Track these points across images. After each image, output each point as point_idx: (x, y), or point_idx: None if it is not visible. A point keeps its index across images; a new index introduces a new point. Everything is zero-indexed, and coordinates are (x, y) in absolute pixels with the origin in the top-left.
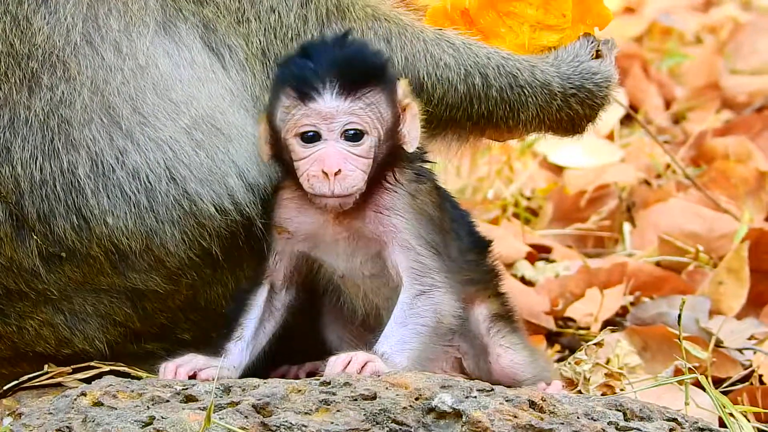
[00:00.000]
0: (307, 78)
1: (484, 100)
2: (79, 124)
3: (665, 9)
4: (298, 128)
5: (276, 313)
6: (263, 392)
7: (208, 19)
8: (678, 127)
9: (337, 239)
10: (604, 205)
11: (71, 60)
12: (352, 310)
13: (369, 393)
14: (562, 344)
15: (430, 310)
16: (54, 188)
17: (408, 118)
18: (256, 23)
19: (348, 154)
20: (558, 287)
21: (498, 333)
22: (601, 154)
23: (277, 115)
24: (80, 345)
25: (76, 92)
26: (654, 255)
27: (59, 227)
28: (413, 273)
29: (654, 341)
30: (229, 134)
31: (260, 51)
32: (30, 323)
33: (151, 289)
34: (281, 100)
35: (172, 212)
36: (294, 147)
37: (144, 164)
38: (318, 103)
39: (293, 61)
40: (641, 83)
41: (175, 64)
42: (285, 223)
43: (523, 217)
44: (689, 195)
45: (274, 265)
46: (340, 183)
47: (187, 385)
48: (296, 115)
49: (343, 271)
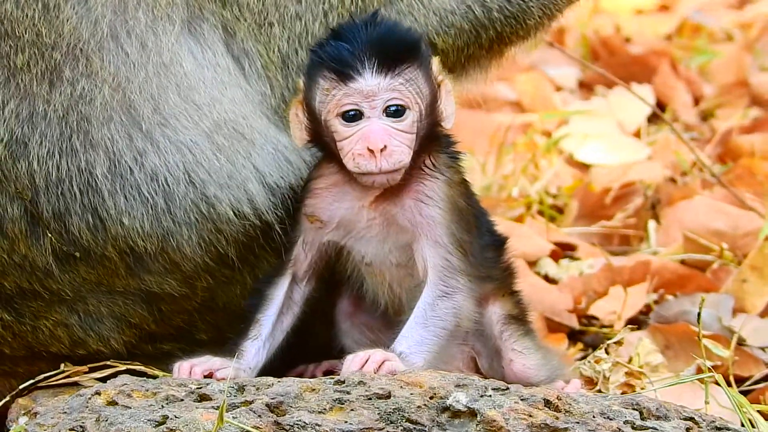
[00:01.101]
0: (345, 58)
1: (489, 26)
2: (99, 122)
3: (699, 6)
4: (339, 108)
5: (294, 306)
6: (277, 391)
7: (228, 21)
8: (706, 124)
9: (370, 225)
10: (629, 202)
11: (95, 54)
12: (374, 300)
13: (383, 392)
14: (585, 342)
15: (451, 314)
16: (71, 186)
17: (443, 94)
18: (279, 29)
19: (392, 130)
20: (581, 285)
21: (510, 336)
22: (627, 151)
23: (315, 99)
24: (95, 346)
25: (97, 88)
26: (679, 253)
27: (74, 226)
28: (440, 272)
29: (677, 339)
30: (252, 139)
31: (280, 59)
32: (44, 323)
33: (167, 291)
34: (319, 83)
35: (190, 215)
36: (336, 127)
37: (163, 166)
38: (358, 82)
39: (327, 43)
40: (670, 81)
41: (199, 64)
42: (318, 212)
43: (547, 214)
44: (715, 192)
45: (303, 254)
46: (387, 159)
47: (201, 384)
48: (337, 95)
49: (371, 258)
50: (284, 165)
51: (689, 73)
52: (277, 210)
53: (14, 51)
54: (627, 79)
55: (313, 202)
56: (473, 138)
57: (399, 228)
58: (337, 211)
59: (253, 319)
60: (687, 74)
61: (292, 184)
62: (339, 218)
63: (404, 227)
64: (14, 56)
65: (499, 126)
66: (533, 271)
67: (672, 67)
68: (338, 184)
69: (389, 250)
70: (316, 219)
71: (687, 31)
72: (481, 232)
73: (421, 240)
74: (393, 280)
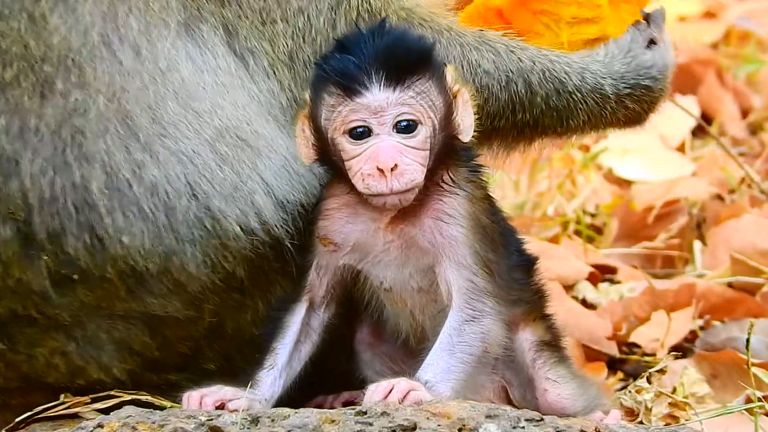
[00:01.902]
0: (351, 72)
1: (528, 108)
2: (94, 134)
3: (746, 13)
4: (346, 125)
5: (313, 334)
6: (294, 423)
7: (229, 21)
8: (755, 138)
9: (388, 248)
10: (673, 221)
11: (87, 64)
12: (394, 328)
13: (408, 423)
14: (625, 372)
15: (479, 339)
16: (65, 205)
17: (460, 104)
18: (282, 25)
19: (403, 147)
20: (622, 310)
21: (544, 365)
22: (670, 166)
23: (321, 115)
24: (95, 374)
25: (91, 99)
26: (726, 275)
27: (71, 247)
28: (465, 295)
29: (724, 368)
30: (257, 147)
31: (287, 55)
32: (40, 351)
33: (171, 315)
34: (324, 99)
35: (193, 231)
36: (343, 145)
37: (163, 179)
38: (365, 97)
39: (332, 56)
40: (716, 91)
41: (198, 69)
42: (331, 235)
43: (585, 234)
44: (764, 211)
45: (317, 280)
46: (398, 179)
47: (212, 416)
48: (343, 112)
49: (391, 284)
50: (294, 176)
51: (737, 84)
52: (288, 225)
53: (2, 65)
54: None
55: (325, 224)
56: None
57: (419, 250)
58: (351, 233)
59: (268, 348)
60: (734, 84)
61: (302, 197)
62: (354, 241)
63: (425, 249)
64: (2, 71)
65: None
66: (570, 295)
67: (718, 76)
68: (351, 205)
69: (410, 274)
70: (330, 242)
71: (734, 38)
72: (508, 252)
73: (443, 262)
74: (415, 307)
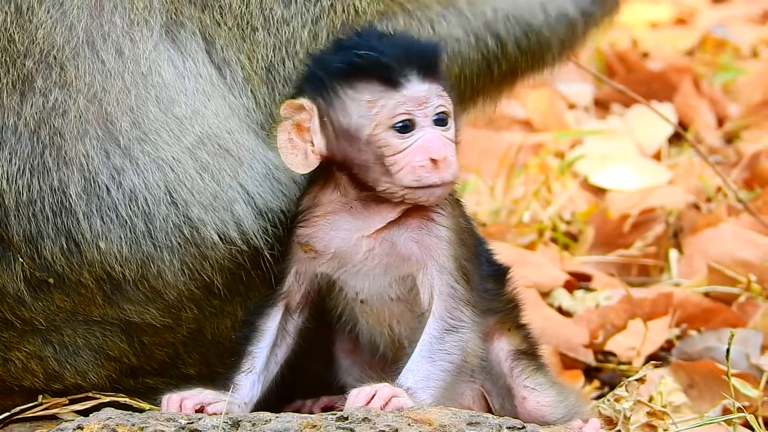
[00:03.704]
0: (392, 64)
1: (502, 59)
2: (73, 136)
3: (719, 20)
4: (392, 119)
5: (288, 338)
6: (275, 427)
7: (206, 27)
8: (731, 147)
9: (367, 257)
10: (649, 230)
11: (69, 62)
12: (370, 342)
13: (390, 429)
14: (601, 380)
15: (458, 348)
16: (42, 208)
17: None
18: (263, 34)
19: (445, 140)
20: (598, 318)
21: (522, 373)
22: (647, 175)
23: (351, 114)
24: (72, 379)
25: (71, 99)
26: (702, 284)
27: (47, 250)
28: (446, 302)
29: (701, 378)
30: (238, 156)
31: (264, 69)
32: (16, 354)
33: (148, 322)
34: (355, 96)
35: (171, 239)
36: (388, 140)
37: (142, 185)
38: (409, 89)
39: (349, 52)
40: (692, 99)
41: (180, 74)
42: (313, 242)
43: (561, 242)
44: (741, 220)
45: (296, 285)
46: (448, 169)
47: (192, 419)
48: (387, 105)
49: (366, 295)
50: (275, 185)
51: (713, 92)
52: (267, 235)
53: None
54: (646, 97)
55: (308, 231)
56: (480, 159)
57: (400, 257)
58: (333, 240)
59: (245, 352)
60: (710, 92)
61: (283, 206)
62: (334, 248)
63: (406, 255)
64: None
65: (508, 146)
66: (546, 302)
67: (694, 84)
68: (338, 212)
69: (389, 283)
70: (311, 249)
71: (709, 46)
72: (480, 262)
73: (428, 265)
74: (393, 317)
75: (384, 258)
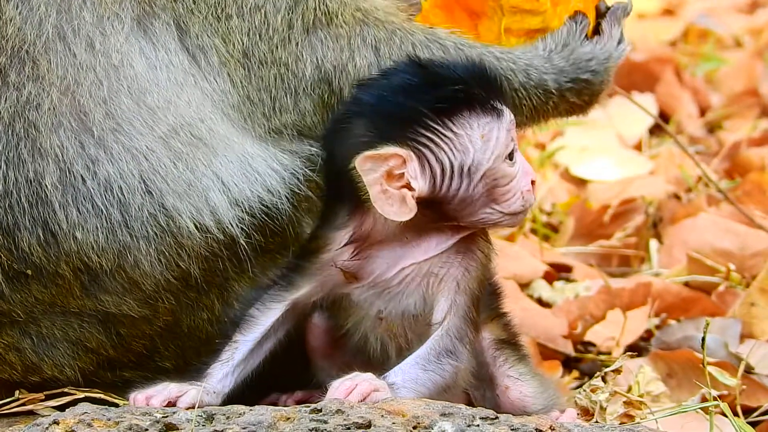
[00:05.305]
0: (482, 93)
1: None
2: (47, 128)
3: (706, 11)
4: (507, 148)
5: (280, 332)
6: (249, 420)
7: (181, 16)
8: (713, 136)
9: (403, 282)
10: (629, 220)
11: (41, 56)
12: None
13: (363, 421)
14: (581, 370)
15: (452, 371)
16: (19, 199)
17: None
18: (237, 20)
19: None
20: (577, 309)
21: (505, 362)
22: (627, 165)
23: (465, 151)
24: (50, 372)
25: (45, 93)
26: (682, 274)
27: (24, 242)
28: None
29: (680, 367)
30: (212, 144)
31: (241, 53)
32: None
33: (125, 313)
34: (465, 134)
35: (147, 228)
36: (505, 171)
37: (117, 175)
38: (506, 114)
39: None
40: (674, 89)
41: (152, 65)
42: (359, 273)
43: (541, 233)
44: (721, 210)
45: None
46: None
47: (167, 412)
48: (501, 137)
49: (388, 313)
50: (250, 174)
51: (695, 82)
52: (244, 224)
53: None
54: (628, 88)
55: (357, 263)
56: None
57: (438, 278)
58: (377, 270)
59: (231, 339)
60: (692, 83)
61: (260, 195)
62: (374, 276)
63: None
64: None
65: None
66: (525, 293)
67: (676, 75)
68: (389, 242)
69: (414, 303)
70: (352, 276)
71: (693, 36)
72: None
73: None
74: (408, 329)
75: (420, 281)
